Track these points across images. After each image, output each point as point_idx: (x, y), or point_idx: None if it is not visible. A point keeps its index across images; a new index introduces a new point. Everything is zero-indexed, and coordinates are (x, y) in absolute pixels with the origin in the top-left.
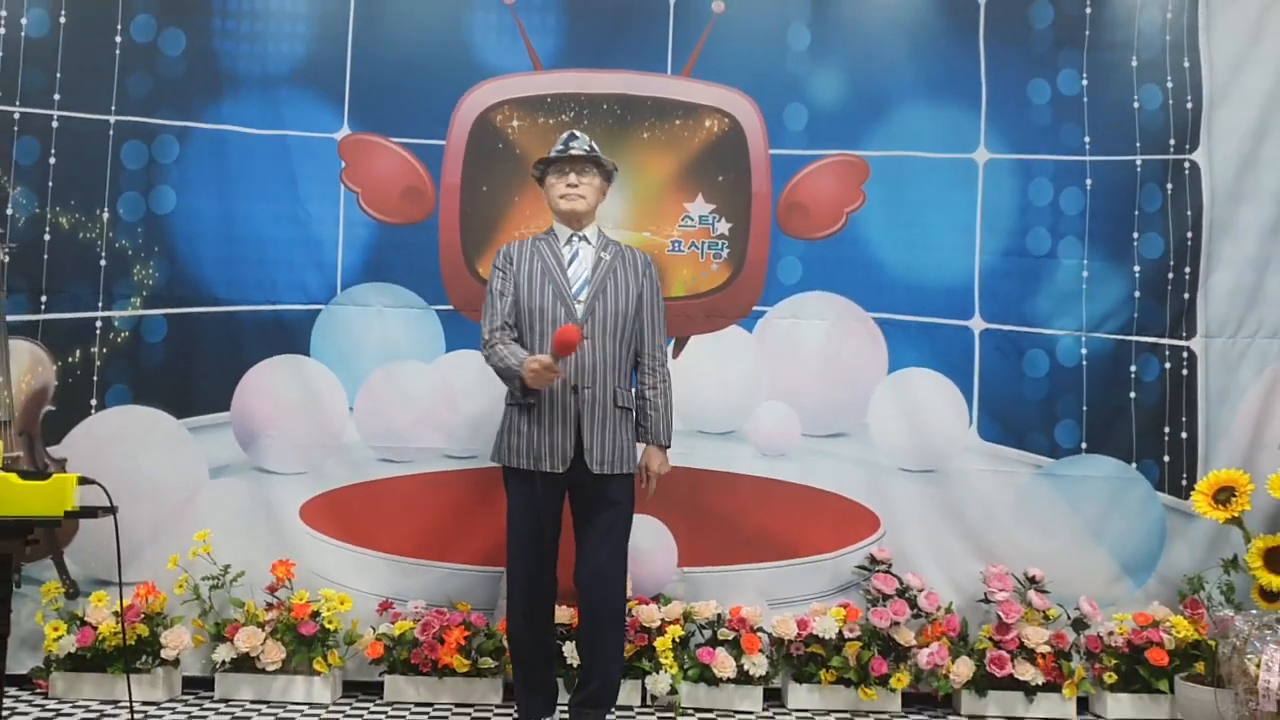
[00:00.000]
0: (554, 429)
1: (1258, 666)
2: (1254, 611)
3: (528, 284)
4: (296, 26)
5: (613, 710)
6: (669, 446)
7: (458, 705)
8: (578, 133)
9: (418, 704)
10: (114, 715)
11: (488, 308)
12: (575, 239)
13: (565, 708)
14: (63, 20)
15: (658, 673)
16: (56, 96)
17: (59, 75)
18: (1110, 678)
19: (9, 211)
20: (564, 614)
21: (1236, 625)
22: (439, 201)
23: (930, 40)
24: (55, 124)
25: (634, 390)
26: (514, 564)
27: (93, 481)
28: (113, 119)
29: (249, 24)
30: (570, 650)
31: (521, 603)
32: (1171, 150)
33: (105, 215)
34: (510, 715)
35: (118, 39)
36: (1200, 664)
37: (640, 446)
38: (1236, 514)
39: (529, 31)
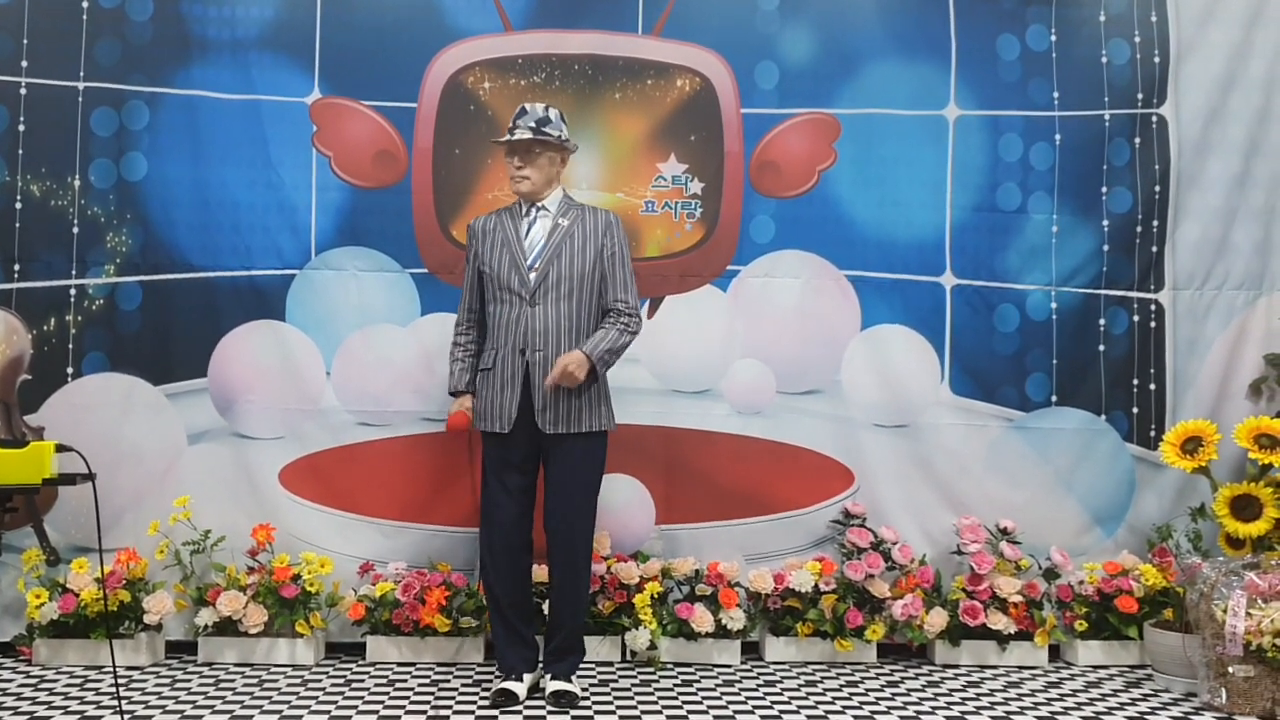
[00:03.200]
0: (502, 391)
1: (1224, 612)
2: (1221, 559)
3: (490, 255)
4: None
5: (581, 653)
6: (593, 367)
7: (440, 664)
8: (528, 106)
9: (400, 664)
10: (98, 681)
11: (463, 288)
12: (534, 209)
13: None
14: None
15: (637, 629)
16: (24, 63)
17: (25, 42)
18: (1081, 625)
19: None
20: (540, 573)
21: (1204, 572)
22: (411, 165)
23: None
24: (24, 91)
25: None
26: (485, 517)
27: (70, 449)
28: (81, 85)
29: None
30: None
31: (491, 553)
32: (1139, 104)
33: (76, 183)
34: (493, 672)
35: (84, 4)
36: (1169, 611)
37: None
38: (1204, 463)
39: None
